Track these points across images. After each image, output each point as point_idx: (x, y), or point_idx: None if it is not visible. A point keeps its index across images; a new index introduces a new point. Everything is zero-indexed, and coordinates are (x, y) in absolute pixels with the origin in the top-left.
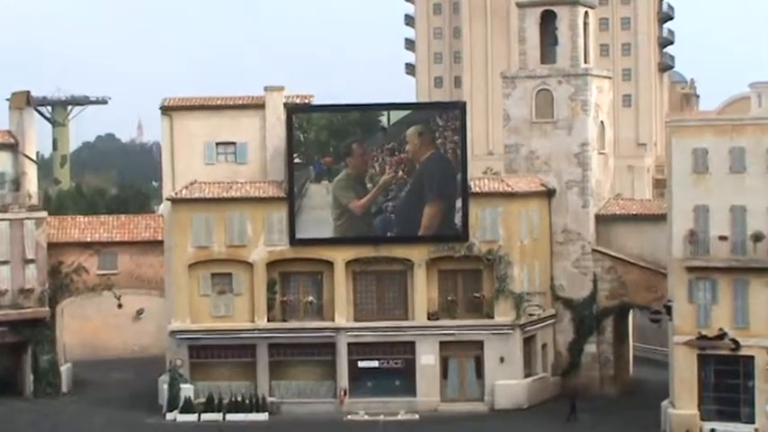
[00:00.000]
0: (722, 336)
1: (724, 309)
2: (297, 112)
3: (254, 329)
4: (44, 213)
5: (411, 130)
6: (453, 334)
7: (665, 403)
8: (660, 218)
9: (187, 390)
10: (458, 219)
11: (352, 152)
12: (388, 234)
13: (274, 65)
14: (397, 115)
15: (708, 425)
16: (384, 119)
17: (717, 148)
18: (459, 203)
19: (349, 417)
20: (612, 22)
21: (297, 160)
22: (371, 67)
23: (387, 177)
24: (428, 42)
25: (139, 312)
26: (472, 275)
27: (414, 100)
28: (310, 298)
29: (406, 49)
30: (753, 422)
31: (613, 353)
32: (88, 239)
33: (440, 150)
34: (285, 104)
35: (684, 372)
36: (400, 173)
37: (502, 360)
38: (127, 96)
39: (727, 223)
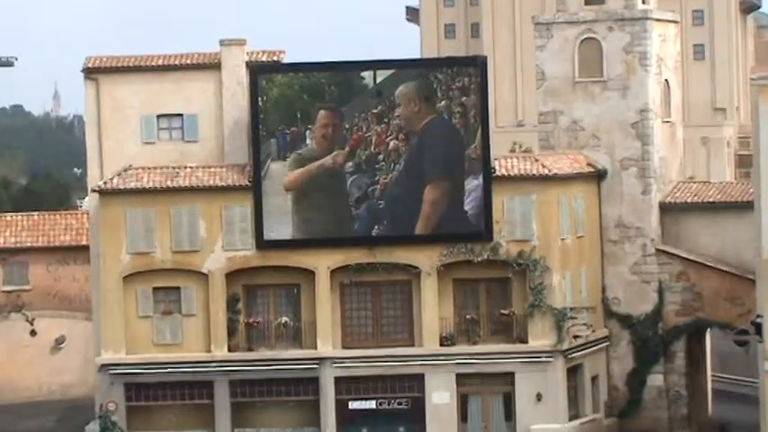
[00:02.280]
0: None
1: None
2: (264, 72)
3: (210, 361)
4: None
5: (403, 88)
6: (474, 364)
7: None
8: (745, 207)
9: None
10: (469, 205)
11: (315, 119)
12: (376, 227)
13: (235, 15)
14: (385, 72)
15: None
16: (369, 76)
17: None
18: (470, 185)
19: None
20: None
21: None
22: (362, 13)
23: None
24: None
25: (59, 341)
26: (498, 286)
27: (417, 54)
28: (284, 319)
29: None
30: None
31: (686, 386)
32: None
33: (442, 115)
34: (248, 64)
35: None
36: (391, 144)
37: (539, 397)
38: (39, 57)
39: None
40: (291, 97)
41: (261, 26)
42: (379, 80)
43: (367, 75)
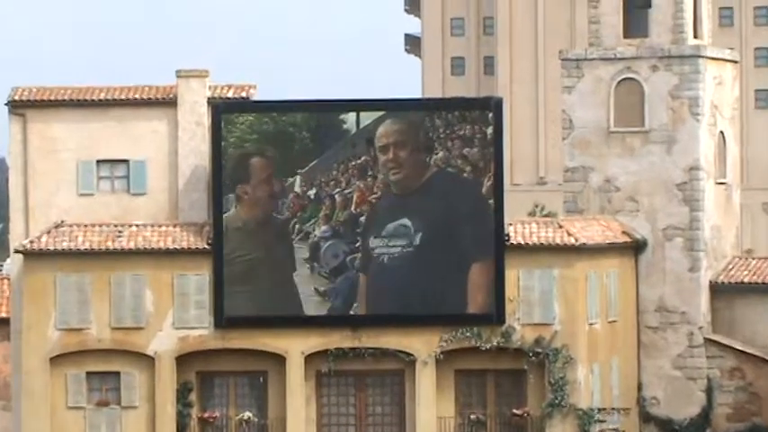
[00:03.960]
0: None
1: None
2: (229, 111)
3: None
4: None
5: (385, 129)
6: None
7: None
8: None
9: None
10: None
11: (249, 174)
12: (355, 305)
13: (195, 42)
14: (371, 115)
15: None
16: (351, 119)
17: None
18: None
19: None
20: None
21: None
22: (353, 42)
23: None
24: (441, 1)
25: None
26: (510, 380)
27: (418, 92)
28: (247, 414)
29: (407, 11)
30: None
31: None
32: None
33: (443, 168)
34: (210, 100)
35: None
36: (377, 204)
37: None
38: None
39: None
40: (255, 140)
41: (227, 58)
42: (363, 124)
43: (349, 118)
